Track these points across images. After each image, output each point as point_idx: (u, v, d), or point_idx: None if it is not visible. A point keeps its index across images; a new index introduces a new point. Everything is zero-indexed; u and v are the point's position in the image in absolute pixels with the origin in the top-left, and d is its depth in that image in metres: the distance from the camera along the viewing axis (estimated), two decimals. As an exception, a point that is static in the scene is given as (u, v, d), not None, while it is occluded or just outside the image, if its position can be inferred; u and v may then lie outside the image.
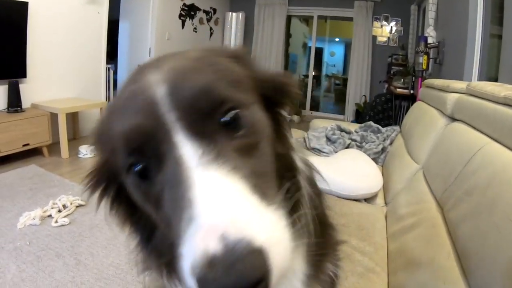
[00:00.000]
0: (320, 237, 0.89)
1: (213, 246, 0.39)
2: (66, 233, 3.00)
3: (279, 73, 0.72)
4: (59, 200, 3.42)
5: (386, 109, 6.60)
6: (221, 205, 0.43)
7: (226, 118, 0.54)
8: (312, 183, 0.87)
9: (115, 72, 7.05)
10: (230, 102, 0.54)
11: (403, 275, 1.53)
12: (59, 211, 3.29)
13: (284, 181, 0.67)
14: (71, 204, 3.39)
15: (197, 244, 0.40)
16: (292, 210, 0.67)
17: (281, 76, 0.71)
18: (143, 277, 1.16)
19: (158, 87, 0.53)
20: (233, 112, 0.54)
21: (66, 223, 3.14)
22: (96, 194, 0.71)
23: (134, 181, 0.58)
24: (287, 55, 10.36)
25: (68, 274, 2.46)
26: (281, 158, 0.69)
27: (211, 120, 0.52)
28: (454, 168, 1.70)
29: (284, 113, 0.74)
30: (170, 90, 0.52)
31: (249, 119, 0.56)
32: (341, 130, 3.58)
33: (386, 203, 2.49)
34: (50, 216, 3.22)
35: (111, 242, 2.89)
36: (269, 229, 0.43)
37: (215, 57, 0.63)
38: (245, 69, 0.66)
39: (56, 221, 3.12)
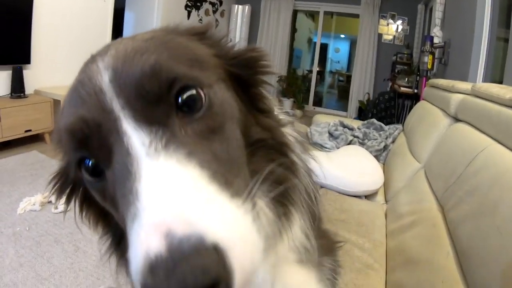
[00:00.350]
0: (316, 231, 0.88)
1: (155, 246, 0.32)
2: (66, 220, 3.00)
3: (247, 48, 0.67)
4: (60, 186, 3.41)
5: (389, 107, 6.59)
6: (169, 197, 0.36)
7: (180, 98, 0.48)
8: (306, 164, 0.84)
9: (119, 61, 7.03)
10: (184, 80, 0.48)
11: (402, 273, 1.53)
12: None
13: (271, 163, 0.63)
14: (71, 191, 3.39)
15: (140, 245, 0.34)
16: (282, 195, 0.65)
17: (249, 51, 0.66)
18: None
19: (102, 74, 0.48)
20: (189, 91, 0.48)
21: (66, 210, 3.13)
22: (63, 197, 0.68)
23: (87, 179, 0.53)
24: (292, 49, 10.35)
25: (66, 260, 2.47)
26: (265, 140, 0.65)
27: (161, 103, 0.47)
28: (456, 168, 1.70)
29: (264, 91, 0.69)
30: (113, 76, 0.47)
31: (209, 98, 0.50)
32: (344, 126, 3.57)
33: (386, 201, 2.49)
34: (50, 202, 3.24)
35: (111, 230, 2.89)
36: (229, 223, 0.36)
37: (172, 36, 0.58)
38: (209, 47, 0.61)
39: (56, 207, 3.14)
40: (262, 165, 0.61)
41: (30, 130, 4.51)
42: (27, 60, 4.66)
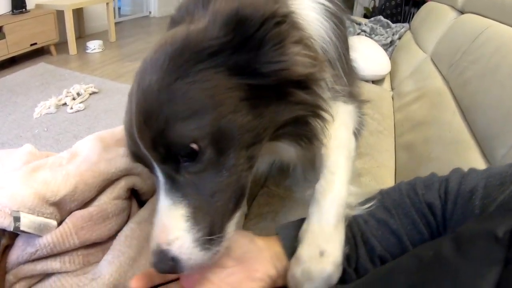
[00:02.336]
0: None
1: (154, 247, 0.61)
2: (82, 117, 3.12)
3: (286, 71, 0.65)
4: (73, 88, 3.52)
5: (395, 14, 6.44)
6: (164, 226, 0.61)
7: (181, 154, 0.62)
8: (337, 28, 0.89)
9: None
10: (181, 142, 0.60)
11: (410, 135, 1.64)
12: (74, 98, 3.39)
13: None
14: (84, 91, 3.50)
15: (153, 238, 0.62)
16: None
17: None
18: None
19: (135, 130, 0.62)
20: (186, 150, 0.61)
21: (82, 109, 3.27)
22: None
23: None
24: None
25: (87, 152, 2.57)
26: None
27: (169, 158, 0.62)
28: (461, 46, 1.79)
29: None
30: (139, 135, 0.62)
31: (204, 149, 0.61)
32: (351, 20, 3.55)
33: (392, 89, 2.55)
34: (65, 104, 3.33)
35: (127, 123, 2.99)
36: (184, 247, 0.60)
37: (183, 80, 0.61)
38: (224, 64, 0.63)
39: (71, 108, 3.24)
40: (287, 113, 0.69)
41: (35, 44, 4.51)
42: (26, -24, 4.57)
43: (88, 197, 0.81)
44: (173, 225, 0.61)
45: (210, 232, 0.62)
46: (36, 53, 4.71)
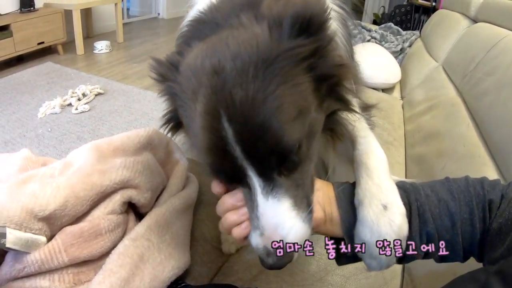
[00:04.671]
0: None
1: (269, 249, 0.62)
2: (87, 119, 3.09)
3: (337, 63, 0.68)
4: (78, 89, 3.49)
5: (404, 21, 6.42)
6: (276, 224, 0.63)
7: (282, 159, 0.62)
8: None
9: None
10: (297, 141, 0.62)
11: (422, 147, 1.58)
12: (79, 99, 3.36)
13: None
14: (90, 92, 3.47)
15: (262, 241, 0.63)
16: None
17: (338, 67, 0.68)
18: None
19: (234, 143, 0.60)
20: (288, 155, 0.62)
21: (86, 110, 3.23)
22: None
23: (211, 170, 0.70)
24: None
25: (90, 155, 2.54)
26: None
27: (270, 163, 0.62)
28: (475, 56, 1.74)
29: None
30: (237, 138, 0.59)
31: (301, 149, 0.64)
32: (361, 27, 3.52)
33: (402, 98, 2.51)
34: (70, 104, 3.30)
35: (131, 125, 3.00)
36: (297, 233, 0.63)
37: (284, 83, 0.62)
38: (307, 59, 0.64)
39: (76, 108, 3.21)
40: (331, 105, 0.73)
41: (42, 43, 4.50)
42: (35, -26, 4.55)
43: (81, 211, 0.76)
44: (284, 219, 0.63)
45: (307, 208, 0.66)
46: (43, 52, 4.69)
